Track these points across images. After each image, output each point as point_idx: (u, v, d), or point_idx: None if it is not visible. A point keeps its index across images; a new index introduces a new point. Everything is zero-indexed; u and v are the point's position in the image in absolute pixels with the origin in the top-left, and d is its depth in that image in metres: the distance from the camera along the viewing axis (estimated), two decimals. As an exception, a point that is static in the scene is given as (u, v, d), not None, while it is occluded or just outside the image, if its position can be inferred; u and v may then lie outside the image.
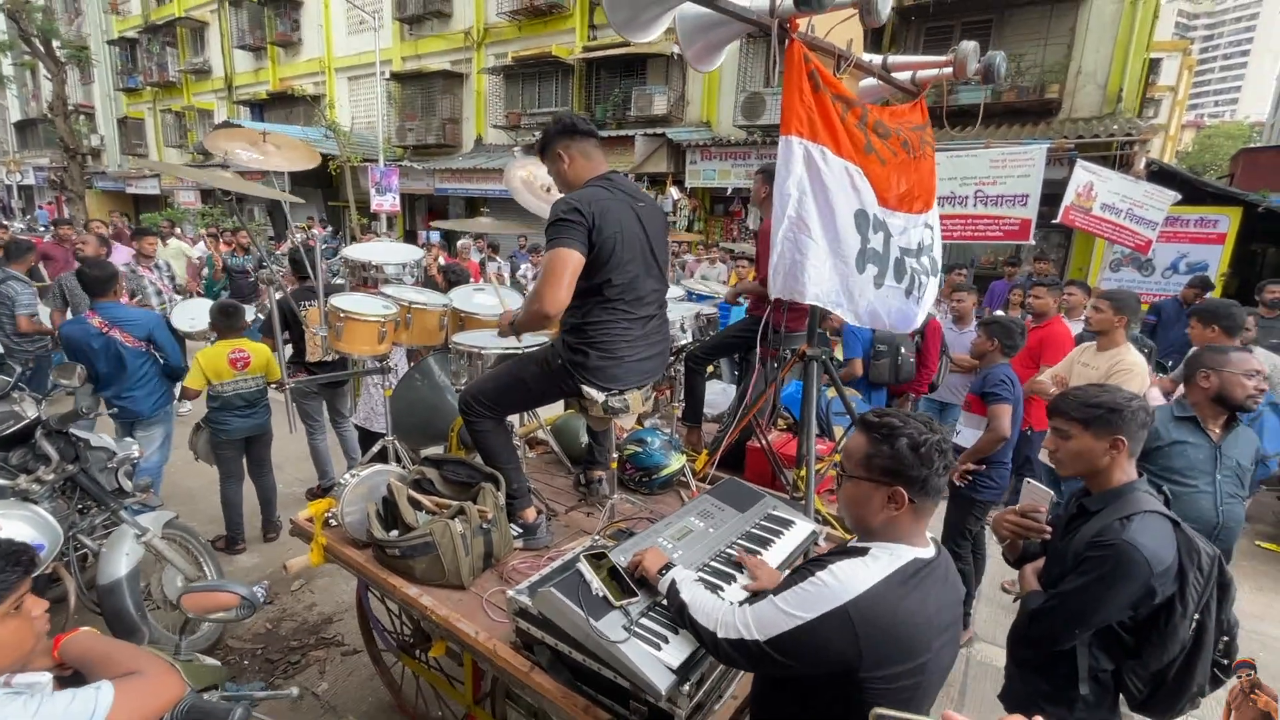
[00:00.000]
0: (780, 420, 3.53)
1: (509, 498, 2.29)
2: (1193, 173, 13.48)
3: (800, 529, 2.09)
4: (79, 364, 3.46)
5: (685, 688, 1.41)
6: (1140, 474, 1.77)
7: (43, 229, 16.38)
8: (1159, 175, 8.75)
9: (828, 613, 1.17)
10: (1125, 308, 3.38)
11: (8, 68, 22.89)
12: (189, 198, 20.91)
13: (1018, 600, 1.84)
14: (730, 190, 13.57)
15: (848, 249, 2.16)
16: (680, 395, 3.54)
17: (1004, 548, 2.02)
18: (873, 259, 2.26)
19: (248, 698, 1.68)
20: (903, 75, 2.70)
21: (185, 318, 5.21)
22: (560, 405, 3.25)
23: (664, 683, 1.38)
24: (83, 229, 8.43)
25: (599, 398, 2.20)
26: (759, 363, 3.10)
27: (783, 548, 1.95)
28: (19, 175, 26.76)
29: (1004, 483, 3.28)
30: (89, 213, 16.49)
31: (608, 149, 13.68)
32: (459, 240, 11.31)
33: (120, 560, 2.81)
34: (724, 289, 5.00)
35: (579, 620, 1.48)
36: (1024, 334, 3.43)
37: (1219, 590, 1.65)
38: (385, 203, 14.89)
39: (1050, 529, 1.87)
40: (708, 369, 3.68)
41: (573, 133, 2.19)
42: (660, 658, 1.43)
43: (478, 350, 2.83)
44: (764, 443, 2.95)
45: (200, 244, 11.53)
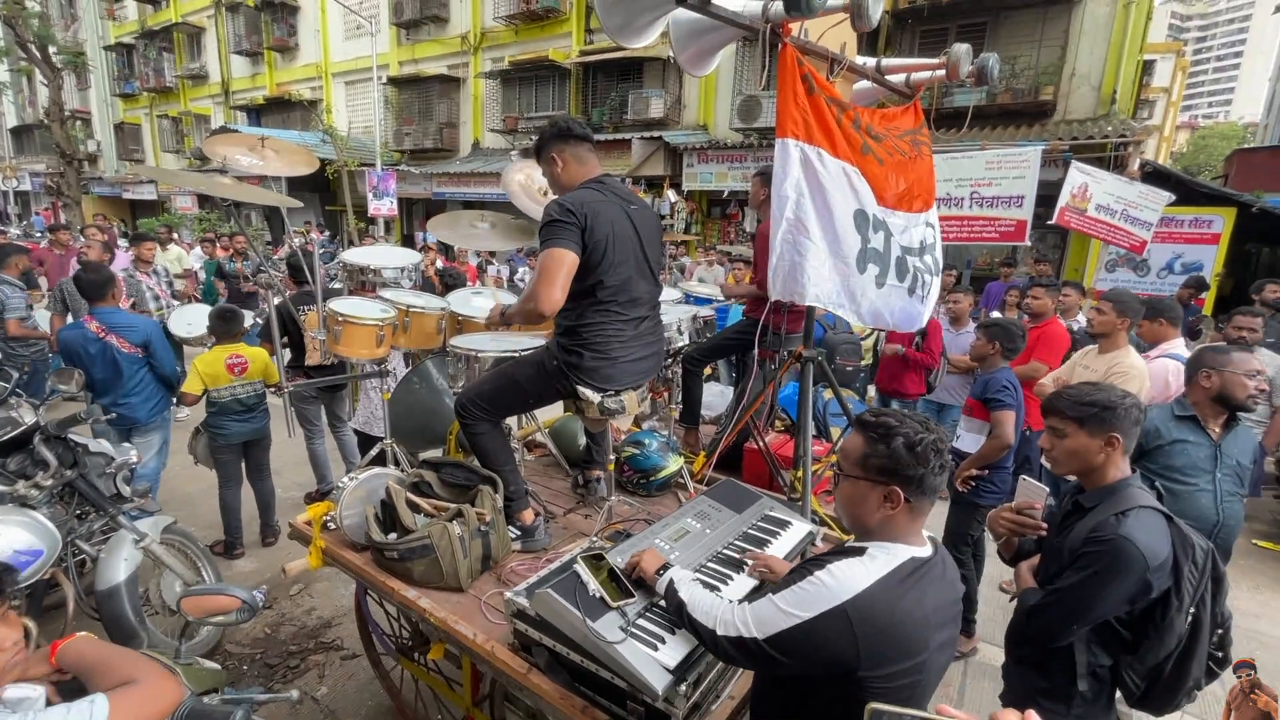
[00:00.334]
0: (778, 421, 3.54)
1: (507, 500, 2.30)
2: (1187, 173, 13.54)
3: (797, 529, 2.10)
4: (77, 370, 3.46)
5: (682, 688, 1.41)
6: (1134, 470, 1.78)
7: (39, 235, 16.35)
8: (1153, 176, 8.78)
9: (826, 612, 1.18)
10: (1128, 309, 3.31)
11: (4, 74, 22.86)
12: (186, 202, 20.90)
13: (1014, 600, 1.85)
14: (727, 193, 13.60)
15: (848, 249, 2.17)
16: (678, 397, 3.54)
17: (999, 545, 2.03)
18: (874, 259, 2.27)
19: (248, 701, 1.67)
20: (897, 78, 2.71)
21: (182, 323, 5.21)
22: (559, 408, 3.26)
23: (660, 683, 1.39)
24: (79, 234, 8.41)
25: (594, 398, 2.21)
26: (756, 364, 3.11)
27: (780, 548, 1.96)
28: (15, 181, 26.68)
29: (1006, 487, 3.23)
30: (85, 218, 16.48)
31: (605, 152, 13.79)
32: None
33: (119, 565, 2.80)
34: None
35: (576, 621, 1.49)
36: (1024, 336, 3.40)
37: (1213, 584, 1.66)
38: (383, 207, 14.91)
39: (1046, 526, 1.88)
40: (705, 371, 3.69)
41: (567, 137, 2.21)
42: (657, 658, 1.44)
43: (475, 353, 2.84)
44: (761, 444, 2.95)
45: (197, 249, 11.52)
